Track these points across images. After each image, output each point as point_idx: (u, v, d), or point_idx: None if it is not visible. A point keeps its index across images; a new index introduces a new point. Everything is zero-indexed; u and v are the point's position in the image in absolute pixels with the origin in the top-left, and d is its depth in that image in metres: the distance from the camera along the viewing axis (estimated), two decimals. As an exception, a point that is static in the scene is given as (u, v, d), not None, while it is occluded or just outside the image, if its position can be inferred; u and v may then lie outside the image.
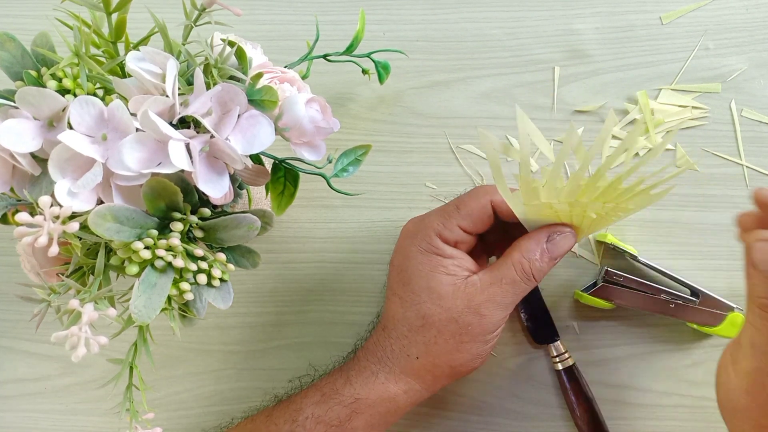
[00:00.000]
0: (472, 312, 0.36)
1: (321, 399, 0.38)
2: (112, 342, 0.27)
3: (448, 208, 0.38)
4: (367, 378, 0.38)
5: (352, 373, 0.39)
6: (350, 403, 0.37)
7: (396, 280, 0.38)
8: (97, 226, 0.26)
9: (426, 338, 0.37)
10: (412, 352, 0.37)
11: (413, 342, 0.37)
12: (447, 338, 0.36)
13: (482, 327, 0.36)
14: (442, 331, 0.36)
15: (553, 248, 0.36)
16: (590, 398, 0.45)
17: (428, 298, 0.36)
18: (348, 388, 0.38)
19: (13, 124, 0.27)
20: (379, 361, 0.38)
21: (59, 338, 0.24)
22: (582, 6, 0.49)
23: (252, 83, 0.31)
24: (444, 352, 0.37)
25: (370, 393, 0.37)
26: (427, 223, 0.38)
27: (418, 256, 0.37)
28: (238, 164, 0.29)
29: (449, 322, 0.36)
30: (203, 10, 0.29)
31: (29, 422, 0.47)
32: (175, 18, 0.31)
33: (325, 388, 0.39)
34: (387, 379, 0.37)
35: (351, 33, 0.42)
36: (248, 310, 0.47)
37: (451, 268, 0.37)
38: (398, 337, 0.38)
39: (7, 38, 0.29)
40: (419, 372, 0.37)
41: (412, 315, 0.37)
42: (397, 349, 0.38)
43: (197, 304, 0.30)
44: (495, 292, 0.36)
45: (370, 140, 0.48)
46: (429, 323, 0.36)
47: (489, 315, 0.36)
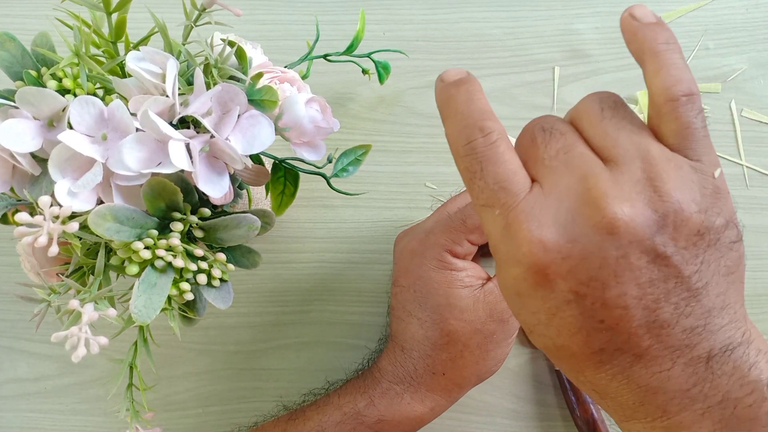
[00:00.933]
0: (495, 320, 0.36)
1: (342, 419, 0.37)
2: (112, 342, 0.27)
3: (453, 222, 0.37)
4: (391, 399, 0.37)
5: (374, 394, 0.38)
6: (373, 423, 0.37)
7: (410, 302, 0.38)
8: (97, 226, 0.26)
9: (452, 354, 0.36)
10: (438, 370, 0.37)
11: (438, 360, 0.37)
12: (473, 350, 0.36)
13: (505, 332, 0.36)
14: (468, 344, 0.36)
15: None
16: (590, 398, 0.45)
17: (450, 314, 0.36)
18: (371, 409, 0.37)
19: (13, 124, 0.27)
20: (401, 382, 0.37)
21: (59, 338, 0.24)
22: (582, 6, 0.49)
23: (252, 83, 0.31)
24: (470, 364, 0.37)
25: (395, 414, 0.37)
26: (434, 241, 0.37)
27: (431, 274, 0.37)
28: (238, 164, 0.29)
29: (474, 334, 0.36)
30: (203, 10, 0.29)
31: (29, 422, 0.47)
32: (175, 18, 0.31)
33: (346, 408, 0.38)
34: (413, 399, 0.37)
35: (351, 33, 0.42)
36: (248, 310, 0.47)
37: (467, 280, 0.36)
38: (421, 357, 0.37)
39: (7, 38, 0.29)
40: (446, 387, 0.37)
41: (434, 334, 0.36)
42: (420, 368, 0.37)
43: (197, 304, 0.30)
44: None
45: (370, 140, 0.48)
46: (454, 339, 0.36)
47: (511, 319, 0.36)
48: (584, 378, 0.23)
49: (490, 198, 0.22)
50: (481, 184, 0.23)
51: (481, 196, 0.23)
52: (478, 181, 0.23)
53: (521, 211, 0.22)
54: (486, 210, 0.23)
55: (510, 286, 0.23)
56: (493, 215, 0.22)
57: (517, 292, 0.23)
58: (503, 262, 0.23)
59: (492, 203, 0.22)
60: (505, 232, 0.22)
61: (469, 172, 0.23)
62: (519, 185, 0.22)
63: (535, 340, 0.24)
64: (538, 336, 0.23)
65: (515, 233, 0.22)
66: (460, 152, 0.23)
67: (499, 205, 0.22)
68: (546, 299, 0.22)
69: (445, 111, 0.25)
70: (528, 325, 0.23)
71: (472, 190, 0.23)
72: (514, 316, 0.36)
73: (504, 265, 0.23)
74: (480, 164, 0.23)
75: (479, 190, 0.23)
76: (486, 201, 0.22)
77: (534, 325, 0.23)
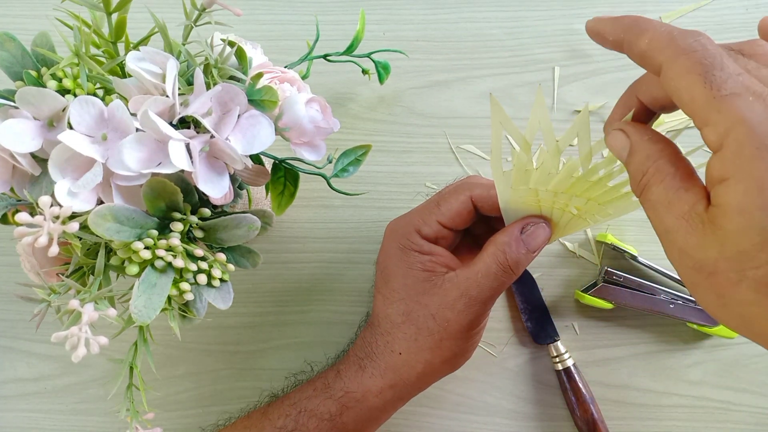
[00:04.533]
0: (448, 308, 0.36)
1: (313, 393, 0.39)
2: (112, 342, 0.27)
3: (428, 205, 0.38)
4: (355, 372, 0.38)
5: (342, 367, 0.39)
6: (340, 397, 0.38)
7: (379, 278, 0.39)
8: (97, 226, 0.26)
9: (407, 334, 0.37)
10: (395, 348, 0.37)
11: (396, 338, 0.37)
12: (425, 335, 0.36)
13: (459, 323, 0.36)
14: (422, 327, 0.36)
15: (528, 239, 0.35)
16: (590, 398, 0.45)
17: (406, 294, 0.37)
18: (338, 381, 0.38)
19: (13, 124, 0.27)
20: (366, 356, 0.38)
21: (59, 338, 0.24)
22: (582, 6, 0.49)
23: (252, 83, 0.31)
24: (424, 349, 0.37)
25: (359, 386, 0.38)
26: (407, 221, 0.38)
27: (398, 253, 0.38)
28: (238, 164, 0.29)
29: (427, 319, 0.36)
30: (203, 10, 0.29)
31: (29, 422, 0.47)
32: (175, 18, 0.31)
33: (317, 383, 0.39)
34: (373, 374, 0.38)
35: (351, 33, 0.42)
36: (248, 310, 0.47)
37: (429, 264, 0.37)
38: (382, 333, 0.38)
39: (7, 38, 0.29)
40: (403, 367, 0.37)
41: (393, 312, 0.37)
42: (381, 344, 0.38)
43: (197, 304, 0.30)
44: (470, 287, 0.35)
45: (370, 140, 0.48)
46: (409, 320, 0.37)
47: (465, 311, 0.36)
48: None
49: (736, 85, 0.22)
50: (722, 74, 0.22)
51: (725, 86, 0.22)
52: (717, 72, 0.22)
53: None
54: (734, 98, 0.22)
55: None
56: (745, 101, 0.21)
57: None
58: (765, 146, 0.21)
59: (740, 91, 0.22)
60: (767, 111, 0.21)
61: (701, 65, 0.22)
62: (761, 79, 0.22)
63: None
64: None
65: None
66: (687, 48, 0.23)
67: (750, 92, 0.22)
68: None
69: (637, 27, 0.25)
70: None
71: (713, 81, 0.22)
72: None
73: (766, 146, 0.21)
74: (719, 55, 0.22)
75: (721, 80, 0.22)
76: (733, 89, 0.22)
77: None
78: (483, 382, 0.46)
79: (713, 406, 0.46)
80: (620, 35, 0.26)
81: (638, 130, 0.27)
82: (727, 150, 0.22)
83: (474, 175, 0.41)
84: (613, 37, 0.26)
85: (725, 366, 0.46)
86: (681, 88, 0.23)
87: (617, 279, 0.45)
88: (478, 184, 0.37)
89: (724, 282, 0.23)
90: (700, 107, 0.22)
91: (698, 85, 0.22)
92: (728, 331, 0.44)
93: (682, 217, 0.24)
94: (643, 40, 0.24)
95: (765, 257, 0.21)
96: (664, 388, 0.46)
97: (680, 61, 0.23)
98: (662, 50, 0.23)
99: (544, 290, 0.47)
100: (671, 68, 0.23)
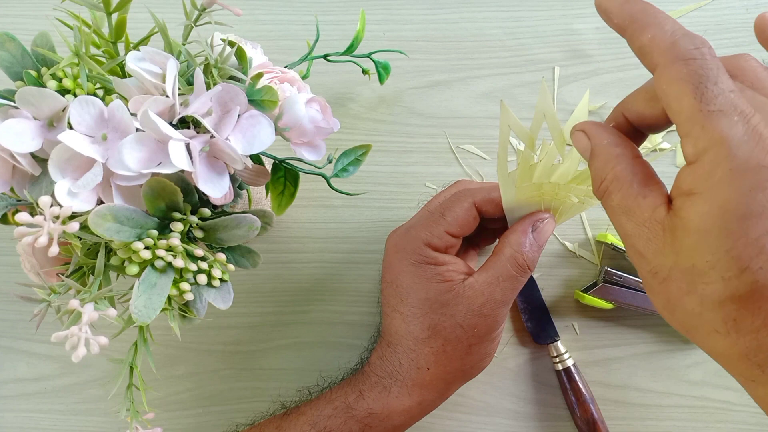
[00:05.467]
0: (475, 314, 0.36)
1: (333, 413, 0.38)
2: (112, 342, 0.27)
3: (433, 216, 0.38)
4: (380, 393, 0.38)
5: (364, 387, 0.38)
6: (363, 417, 0.37)
7: (393, 296, 0.38)
8: (97, 226, 0.26)
9: (434, 348, 0.36)
10: (422, 364, 0.37)
11: (421, 354, 0.37)
12: (455, 345, 0.36)
13: (487, 326, 0.36)
14: (449, 338, 0.36)
15: (539, 236, 0.36)
16: (590, 398, 0.45)
17: (430, 309, 0.36)
18: (361, 402, 0.38)
19: (13, 124, 0.27)
20: (389, 376, 0.38)
21: (59, 338, 0.24)
22: (582, 6, 0.49)
23: (252, 83, 0.31)
24: (454, 359, 0.37)
25: (384, 407, 0.37)
26: (414, 235, 0.38)
27: (411, 269, 0.37)
28: (238, 164, 0.29)
29: (455, 329, 0.36)
30: (203, 10, 0.29)
31: (29, 422, 0.47)
32: (175, 18, 0.31)
33: (337, 402, 0.38)
34: (400, 393, 0.37)
35: (351, 33, 0.42)
36: (248, 310, 0.47)
37: (447, 274, 0.37)
38: (405, 351, 0.37)
39: (7, 38, 0.28)
40: (432, 382, 0.37)
41: (416, 328, 0.37)
42: (405, 363, 0.37)
43: (197, 304, 0.30)
44: (494, 291, 0.36)
45: (370, 140, 0.48)
46: (435, 333, 0.36)
47: (492, 314, 0.36)
48: None
49: (726, 103, 0.22)
50: (715, 89, 0.22)
51: (714, 102, 0.22)
52: (710, 85, 0.22)
53: (766, 117, 0.22)
54: (720, 116, 0.22)
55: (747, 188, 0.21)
56: (730, 121, 0.22)
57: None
58: (738, 171, 0.21)
59: (727, 109, 0.22)
60: (749, 136, 0.21)
61: (696, 76, 0.22)
62: (749, 100, 0.22)
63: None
64: None
65: (763, 137, 0.21)
66: (686, 55, 0.23)
67: (737, 112, 0.22)
68: None
69: (644, 18, 0.24)
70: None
71: (704, 95, 0.22)
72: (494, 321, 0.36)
73: (739, 172, 0.21)
74: (716, 68, 0.22)
75: (712, 95, 0.22)
76: (721, 106, 0.22)
77: None
78: (483, 382, 0.46)
79: (713, 407, 0.46)
80: (625, 22, 0.25)
81: (599, 132, 0.27)
82: (701, 167, 0.22)
83: (463, 179, 0.41)
84: (618, 21, 0.26)
85: (725, 366, 0.46)
86: (671, 94, 0.23)
87: (617, 279, 0.45)
88: (476, 189, 0.38)
89: (675, 290, 0.24)
90: (686, 118, 0.22)
91: (688, 95, 0.22)
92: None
93: (642, 224, 0.24)
94: (645, 35, 0.24)
95: (715, 276, 0.22)
96: (664, 388, 0.46)
97: (676, 67, 0.23)
98: (662, 51, 0.23)
99: (544, 290, 0.47)
100: (666, 72, 0.23)
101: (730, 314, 0.22)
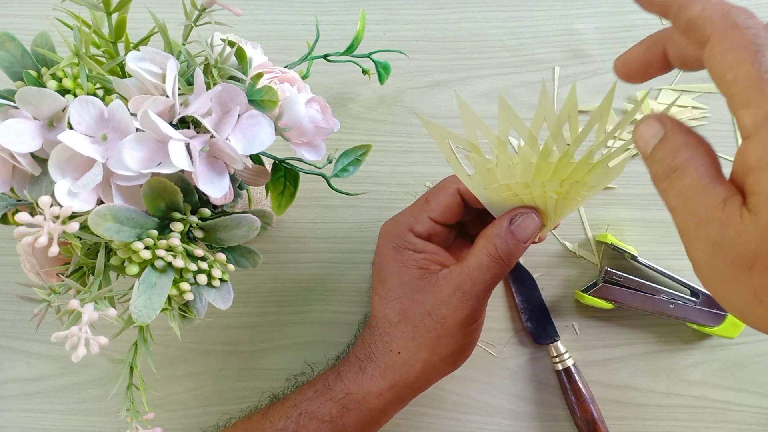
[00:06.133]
0: (443, 304, 0.36)
1: (314, 395, 0.39)
2: (112, 342, 0.27)
3: (418, 203, 0.38)
4: (355, 373, 0.38)
5: (342, 368, 0.39)
6: (341, 399, 0.38)
7: (375, 279, 0.39)
8: (97, 226, 0.26)
9: (404, 333, 0.37)
10: (394, 348, 0.37)
11: (394, 337, 0.37)
12: (423, 333, 0.36)
13: (456, 319, 0.36)
14: (419, 326, 0.36)
15: (518, 229, 0.35)
16: (590, 398, 0.45)
17: (402, 293, 0.37)
18: (339, 383, 0.38)
19: (13, 124, 0.27)
20: (366, 357, 0.39)
21: (59, 338, 0.24)
22: (582, 6, 0.49)
23: (252, 83, 0.31)
24: (422, 347, 0.37)
25: (359, 388, 0.38)
26: (399, 220, 0.38)
27: (392, 252, 0.38)
28: (238, 164, 0.29)
29: (424, 317, 0.36)
30: (203, 10, 0.29)
31: (29, 422, 0.47)
32: (175, 18, 0.31)
33: (318, 384, 0.39)
34: (373, 375, 0.38)
35: (351, 33, 0.42)
36: (248, 310, 0.47)
37: (423, 262, 0.37)
38: (381, 333, 0.38)
39: (7, 38, 0.28)
40: (403, 366, 0.37)
41: (390, 311, 0.37)
42: (380, 344, 0.38)
43: (197, 304, 0.30)
44: (463, 281, 0.35)
45: (370, 140, 0.48)
46: (406, 318, 0.37)
47: (460, 306, 0.36)
48: None
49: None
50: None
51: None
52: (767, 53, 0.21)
53: None
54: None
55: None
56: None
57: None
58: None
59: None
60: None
61: (754, 44, 0.21)
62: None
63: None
64: None
65: None
66: (742, 24, 0.22)
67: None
68: None
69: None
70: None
71: (762, 62, 0.21)
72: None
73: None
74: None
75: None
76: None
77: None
78: (483, 382, 0.46)
79: (713, 406, 0.46)
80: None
81: (675, 122, 0.26)
82: (766, 134, 0.21)
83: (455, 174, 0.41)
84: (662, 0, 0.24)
85: (725, 366, 0.46)
86: (727, 63, 0.22)
87: (617, 279, 0.45)
88: None
89: (766, 274, 0.21)
90: (744, 87, 0.21)
91: (747, 63, 0.21)
92: (729, 331, 0.44)
93: (717, 207, 0.22)
94: (696, 7, 0.23)
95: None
96: (664, 388, 0.46)
97: (734, 36, 0.22)
98: (715, 21, 0.22)
99: (544, 290, 0.47)
100: (721, 42, 0.22)
101: None
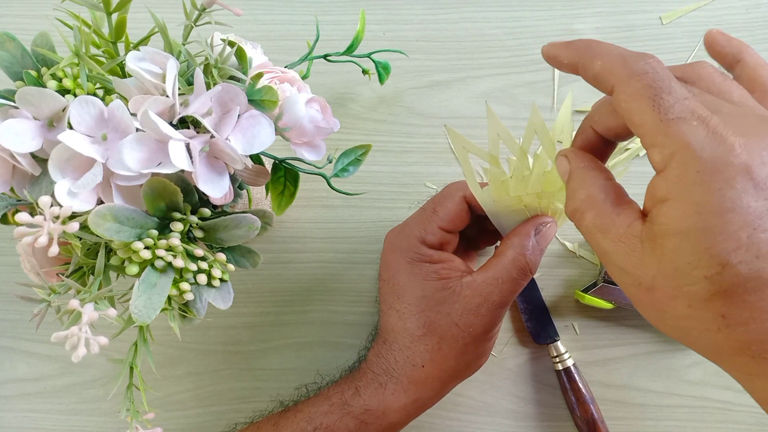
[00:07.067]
0: (471, 314, 0.36)
1: (330, 409, 0.38)
2: (112, 342, 0.27)
3: (425, 213, 0.38)
4: (375, 389, 0.38)
5: (360, 384, 0.38)
6: (360, 414, 0.37)
7: (389, 294, 0.38)
8: (97, 226, 0.26)
9: (429, 346, 0.37)
10: (417, 362, 0.37)
11: (416, 352, 0.37)
12: (450, 343, 0.36)
13: (483, 327, 0.36)
14: (444, 336, 0.36)
15: (542, 240, 0.36)
16: (590, 398, 0.45)
17: (426, 306, 0.36)
18: (357, 399, 0.38)
19: (13, 124, 0.27)
20: (385, 373, 0.38)
21: (59, 338, 0.24)
22: (582, 6, 0.49)
23: (252, 83, 0.31)
24: (449, 357, 0.37)
25: (380, 404, 0.37)
26: (408, 233, 0.38)
27: (407, 266, 0.37)
28: (238, 164, 0.29)
29: (450, 327, 0.36)
30: (203, 10, 0.29)
31: (29, 422, 0.47)
32: (175, 18, 0.31)
33: (334, 398, 0.38)
34: (396, 390, 0.37)
35: (351, 33, 0.42)
36: (248, 310, 0.47)
37: (443, 272, 0.37)
38: (401, 348, 0.38)
39: (7, 38, 0.28)
40: (427, 380, 0.37)
41: (412, 325, 0.37)
42: (401, 360, 0.38)
43: (197, 304, 0.30)
44: (492, 292, 0.36)
45: (370, 140, 0.48)
46: (430, 331, 0.36)
47: (488, 315, 0.36)
48: None
49: (683, 110, 0.23)
50: (670, 98, 0.23)
51: (672, 110, 0.23)
52: (665, 95, 0.23)
53: (724, 118, 0.23)
54: (680, 122, 0.23)
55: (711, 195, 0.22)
56: (690, 126, 0.23)
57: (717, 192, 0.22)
58: (706, 172, 0.22)
59: (686, 115, 0.23)
60: (710, 137, 0.22)
61: (651, 89, 0.23)
62: (706, 104, 0.24)
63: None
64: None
65: (723, 137, 0.22)
66: (638, 71, 0.24)
67: (695, 117, 0.23)
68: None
69: (590, 50, 0.26)
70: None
71: (661, 105, 0.23)
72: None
73: (707, 173, 0.22)
74: (668, 79, 0.23)
75: (669, 104, 0.23)
76: (679, 113, 0.23)
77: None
78: (483, 382, 0.46)
79: (713, 407, 0.46)
80: (574, 59, 0.27)
81: (577, 157, 0.28)
82: (671, 172, 0.23)
83: (459, 181, 0.41)
84: (568, 61, 0.27)
85: (725, 366, 0.46)
86: (631, 109, 0.24)
87: (617, 279, 0.45)
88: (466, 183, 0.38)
89: (662, 297, 0.24)
90: (649, 129, 0.23)
91: (647, 108, 0.23)
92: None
93: (618, 240, 0.25)
94: (596, 63, 0.26)
95: (698, 275, 0.22)
96: (664, 388, 0.46)
97: (631, 84, 0.24)
98: (614, 73, 0.25)
99: (544, 290, 0.47)
100: (623, 90, 0.24)
101: (719, 310, 0.23)
